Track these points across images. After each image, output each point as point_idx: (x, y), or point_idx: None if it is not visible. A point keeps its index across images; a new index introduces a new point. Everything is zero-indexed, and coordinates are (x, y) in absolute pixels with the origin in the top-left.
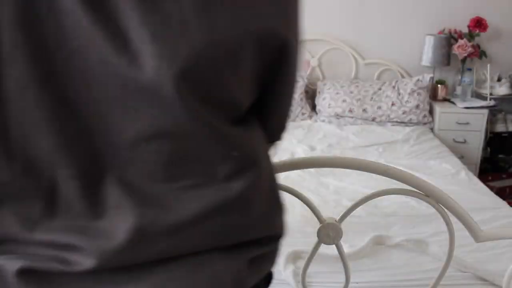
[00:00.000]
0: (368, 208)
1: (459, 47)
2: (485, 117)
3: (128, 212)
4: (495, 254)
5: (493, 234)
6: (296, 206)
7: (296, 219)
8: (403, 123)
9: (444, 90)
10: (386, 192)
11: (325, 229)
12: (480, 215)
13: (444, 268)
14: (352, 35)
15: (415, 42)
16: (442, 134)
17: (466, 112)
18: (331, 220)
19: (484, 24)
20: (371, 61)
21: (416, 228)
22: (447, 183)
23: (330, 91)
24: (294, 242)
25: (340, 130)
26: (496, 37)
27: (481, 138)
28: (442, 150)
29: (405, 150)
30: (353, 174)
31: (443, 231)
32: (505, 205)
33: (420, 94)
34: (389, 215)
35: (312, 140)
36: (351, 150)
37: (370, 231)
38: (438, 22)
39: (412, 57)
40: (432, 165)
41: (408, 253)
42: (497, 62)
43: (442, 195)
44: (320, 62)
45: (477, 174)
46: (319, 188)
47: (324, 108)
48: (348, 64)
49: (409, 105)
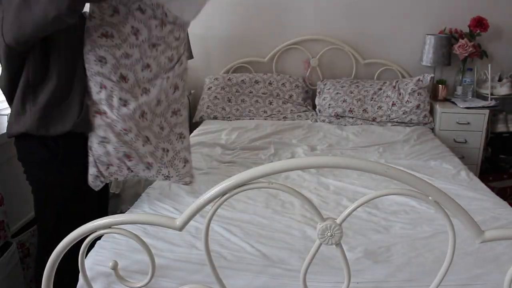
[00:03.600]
0: (368, 208)
1: (460, 47)
2: (486, 117)
3: None
4: (495, 254)
5: (494, 235)
6: (296, 206)
7: (296, 219)
8: (403, 123)
9: (444, 90)
10: (387, 193)
11: (325, 229)
12: (481, 215)
13: (445, 268)
14: (352, 35)
15: (415, 42)
16: (443, 134)
17: (466, 112)
18: (331, 220)
19: (485, 24)
20: (371, 61)
21: (416, 228)
22: (448, 183)
23: (330, 91)
24: (294, 242)
25: (340, 130)
26: (497, 37)
27: (482, 138)
28: (443, 150)
29: (406, 150)
30: (353, 174)
31: (444, 232)
32: (506, 206)
33: (421, 94)
34: (389, 215)
35: (312, 140)
36: (351, 150)
37: (370, 231)
38: (438, 22)
39: (413, 57)
40: (432, 165)
41: (408, 253)
42: (498, 62)
43: (442, 195)
44: (320, 62)
45: (478, 175)
46: (319, 188)
47: (324, 108)
48: (348, 64)
49: (409, 105)
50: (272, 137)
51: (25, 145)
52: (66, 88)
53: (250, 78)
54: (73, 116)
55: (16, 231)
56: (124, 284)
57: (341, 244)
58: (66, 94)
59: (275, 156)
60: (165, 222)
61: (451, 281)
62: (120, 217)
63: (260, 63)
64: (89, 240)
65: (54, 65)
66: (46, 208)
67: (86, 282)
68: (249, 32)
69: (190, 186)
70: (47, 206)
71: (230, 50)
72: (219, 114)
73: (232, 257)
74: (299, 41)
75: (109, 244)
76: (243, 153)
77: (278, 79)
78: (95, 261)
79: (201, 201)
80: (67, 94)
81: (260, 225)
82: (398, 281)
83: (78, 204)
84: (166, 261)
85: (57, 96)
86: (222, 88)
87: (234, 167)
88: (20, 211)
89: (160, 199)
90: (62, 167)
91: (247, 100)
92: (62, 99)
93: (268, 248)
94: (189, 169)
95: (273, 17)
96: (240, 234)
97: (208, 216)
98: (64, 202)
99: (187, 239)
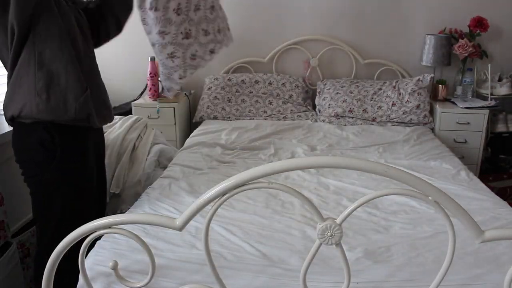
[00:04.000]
0: (368, 208)
1: (459, 47)
2: (485, 117)
3: None
4: (495, 254)
5: (494, 235)
6: (296, 206)
7: (296, 219)
8: (403, 123)
9: (444, 90)
10: (387, 193)
11: (325, 229)
12: (481, 215)
13: (445, 268)
14: (352, 35)
15: (415, 42)
16: (443, 134)
17: (466, 112)
18: (331, 220)
19: (485, 24)
20: (371, 61)
21: (416, 228)
22: (448, 183)
23: (330, 91)
24: (294, 242)
25: (340, 130)
26: (497, 37)
27: (482, 138)
28: (443, 150)
29: (406, 150)
30: (353, 174)
31: (444, 232)
32: (506, 206)
33: (421, 94)
34: (389, 215)
35: (312, 140)
36: (351, 150)
37: (370, 231)
38: (438, 22)
39: (413, 57)
40: (432, 165)
41: (408, 253)
42: (498, 62)
43: (442, 195)
44: (320, 62)
45: (478, 175)
46: (319, 188)
47: (324, 108)
48: (348, 64)
49: (409, 105)
50: (272, 137)
51: (23, 145)
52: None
53: (250, 78)
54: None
55: (16, 231)
56: (124, 284)
57: (341, 244)
58: (63, 81)
59: (275, 156)
60: (165, 222)
61: (451, 281)
62: (120, 217)
63: (260, 63)
64: (89, 240)
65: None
66: (47, 208)
67: (86, 282)
68: (249, 32)
69: (190, 186)
70: (47, 205)
71: (230, 50)
72: (219, 114)
73: (232, 257)
74: (299, 41)
75: (109, 244)
76: (243, 153)
77: (278, 79)
78: (95, 261)
79: (201, 201)
80: (64, 81)
81: (260, 225)
82: (398, 281)
83: (78, 202)
84: (166, 261)
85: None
86: (222, 88)
87: (234, 167)
88: (20, 211)
89: (160, 199)
90: (60, 165)
91: (247, 100)
92: (59, 86)
93: (268, 248)
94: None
95: (273, 17)
96: (240, 234)
97: (208, 216)
98: (64, 201)
99: (187, 239)
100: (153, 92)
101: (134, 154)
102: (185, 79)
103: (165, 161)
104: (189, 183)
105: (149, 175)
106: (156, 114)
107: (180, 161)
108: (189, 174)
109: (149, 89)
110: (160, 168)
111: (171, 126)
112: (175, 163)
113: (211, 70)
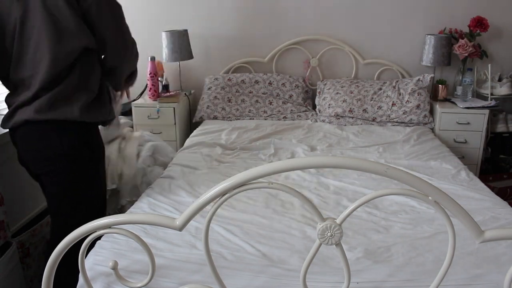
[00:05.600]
0: (368, 208)
1: (459, 47)
2: (486, 117)
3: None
4: (495, 254)
5: (494, 235)
6: (296, 206)
7: (296, 219)
8: (403, 123)
9: (444, 90)
10: (387, 193)
11: (325, 229)
12: (481, 215)
13: (445, 268)
14: (352, 35)
15: (415, 42)
16: (443, 134)
17: (466, 112)
18: (331, 220)
19: (485, 24)
20: (371, 61)
21: (416, 228)
22: (448, 183)
23: (330, 91)
24: (294, 242)
25: (340, 130)
26: (497, 37)
27: (482, 138)
28: (443, 150)
29: (406, 150)
30: (353, 174)
31: (444, 232)
32: (506, 206)
33: (421, 94)
34: (389, 215)
35: (312, 140)
36: (351, 150)
37: (370, 231)
38: (438, 22)
39: (413, 57)
40: (432, 165)
41: (408, 253)
42: (498, 62)
43: (442, 195)
44: (320, 62)
45: (478, 175)
46: (319, 188)
47: (324, 108)
48: (348, 64)
49: (409, 105)
50: (272, 137)
51: (70, 144)
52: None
53: (250, 78)
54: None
55: (16, 231)
56: (124, 284)
57: (341, 244)
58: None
59: (275, 156)
60: (165, 222)
61: (451, 281)
62: (120, 217)
63: (260, 63)
64: (89, 240)
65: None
66: (82, 204)
67: (86, 282)
68: (249, 32)
69: (190, 186)
70: (82, 202)
71: (230, 50)
72: (219, 114)
73: (232, 257)
74: (299, 41)
75: (109, 244)
76: (243, 153)
77: (278, 79)
78: (95, 261)
79: (201, 201)
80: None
81: (260, 225)
82: (398, 281)
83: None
84: (166, 261)
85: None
86: (222, 88)
87: (234, 167)
88: (20, 211)
89: (160, 199)
90: (99, 160)
91: (247, 100)
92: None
93: (268, 248)
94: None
95: (273, 17)
96: (240, 234)
97: (208, 216)
98: (101, 194)
99: (187, 239)
100: (153, 92)
101: (123, 154)
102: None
103: (161, 157)
104: (189, 183)
105: (145, 171)
106: (156, 114)
107: (180, 161)
108: (189, 174)
109: (149, 89)
110: (157, 166)
111: (171, 126)
112: (175, 163)
113: (211, 70)
